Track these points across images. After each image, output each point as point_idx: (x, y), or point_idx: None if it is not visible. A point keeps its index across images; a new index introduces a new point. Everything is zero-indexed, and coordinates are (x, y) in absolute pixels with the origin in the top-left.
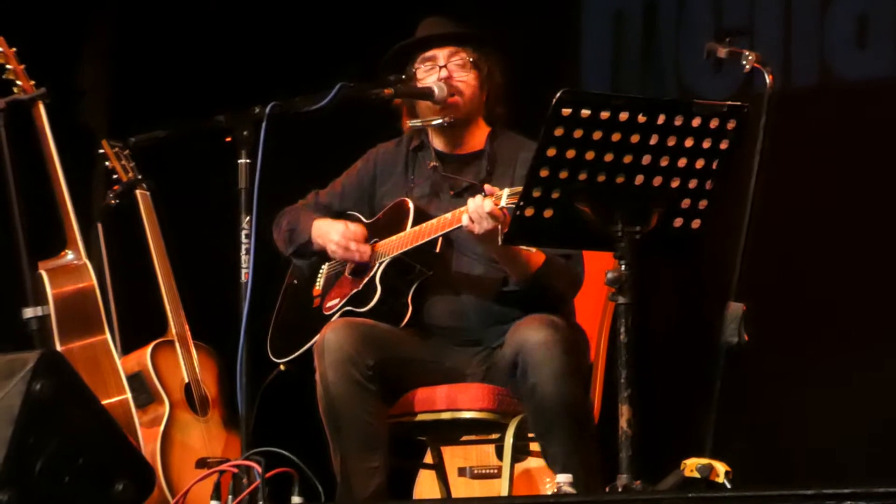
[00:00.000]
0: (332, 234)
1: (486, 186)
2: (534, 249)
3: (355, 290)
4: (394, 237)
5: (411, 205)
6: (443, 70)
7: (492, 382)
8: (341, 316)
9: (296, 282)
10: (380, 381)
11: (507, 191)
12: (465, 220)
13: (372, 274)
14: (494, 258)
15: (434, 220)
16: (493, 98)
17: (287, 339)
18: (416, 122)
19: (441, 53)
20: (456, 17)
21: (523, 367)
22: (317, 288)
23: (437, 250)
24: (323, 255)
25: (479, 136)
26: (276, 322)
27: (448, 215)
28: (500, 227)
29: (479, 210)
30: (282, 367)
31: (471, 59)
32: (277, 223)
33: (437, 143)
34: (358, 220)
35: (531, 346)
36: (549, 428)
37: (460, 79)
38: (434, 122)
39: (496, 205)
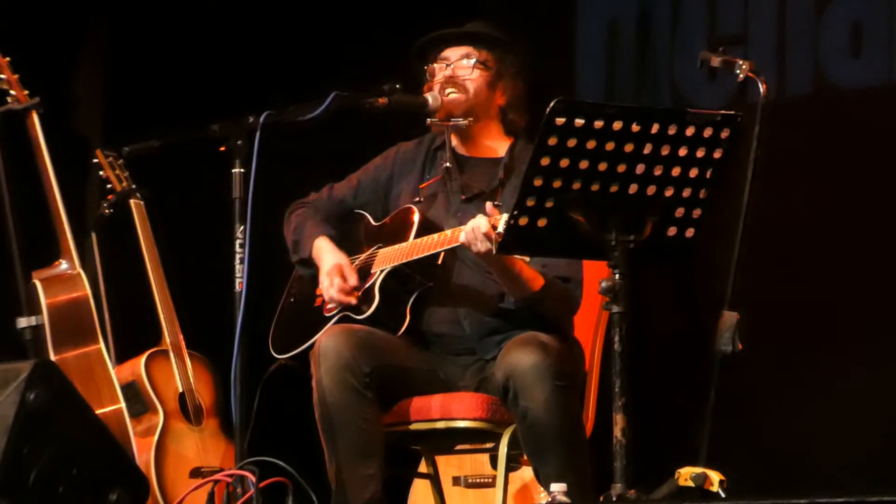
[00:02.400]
0: (323, 267)
1: (488, 205)
2: (530, 262)
3: None
4: (395, 246)
5: (416, 216)
6: (448, 68)
7: (485, 393)
8: (339, 321)
9: (301, 277)
10: (376, 388)
11: (505, 216)
12: (462, 238)
13: (371, 282)
14: (492, 275)
15: (435, 236)
16: (509, 102)
17: (288, 335)
18: (435, 120)
19: (453, 53)
20: (453, 23)
21: (514, 391)
22: (320, 287)
23: (440, 262)
24: None
25: (496, 142)
26: (279, 317)
27: (448, 232)
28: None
29: (476, 230)
30: (282, 360)
31: (478, 58)
32: (287, 220)
33: (455, 142)
34: (366, 220)
35: (521, 370)
36: (542, 450)
37: (464, 76)
38: (451, 121)
39: (494, 227)
